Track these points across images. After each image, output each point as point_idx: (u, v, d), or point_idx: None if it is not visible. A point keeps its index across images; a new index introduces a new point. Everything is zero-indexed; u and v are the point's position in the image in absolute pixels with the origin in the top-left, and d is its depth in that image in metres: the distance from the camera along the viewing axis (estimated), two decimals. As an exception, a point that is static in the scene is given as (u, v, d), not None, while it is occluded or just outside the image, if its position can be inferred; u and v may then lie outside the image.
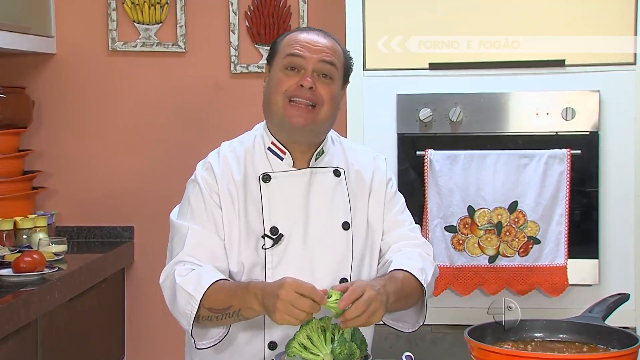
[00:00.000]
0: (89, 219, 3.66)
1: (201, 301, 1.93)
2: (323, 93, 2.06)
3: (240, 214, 2.08)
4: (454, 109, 2.97)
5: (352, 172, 2.18)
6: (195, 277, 1.97)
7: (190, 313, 1.95)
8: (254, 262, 2.07)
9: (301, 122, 2.05)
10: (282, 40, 2.13)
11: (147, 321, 3.68)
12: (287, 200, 2.10)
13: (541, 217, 2.94)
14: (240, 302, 1.90)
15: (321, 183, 2.13)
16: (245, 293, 1.90)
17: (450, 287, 2.97)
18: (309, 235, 2.09)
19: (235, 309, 1.92)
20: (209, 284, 1.95)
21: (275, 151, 2.12)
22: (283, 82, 2.06)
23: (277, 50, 2.12)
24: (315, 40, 2.10)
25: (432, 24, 3.00)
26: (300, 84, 2.04)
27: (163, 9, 3.58)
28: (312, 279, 2.05)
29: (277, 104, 2.06)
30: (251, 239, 2.08)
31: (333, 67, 2.08)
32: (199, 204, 2.09)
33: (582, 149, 2.94)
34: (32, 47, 3.44)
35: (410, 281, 2.03)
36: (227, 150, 2.16)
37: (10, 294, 2.61)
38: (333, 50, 2.11)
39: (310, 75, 2.06)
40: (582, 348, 1.88)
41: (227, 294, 1.93)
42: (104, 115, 3.64)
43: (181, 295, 1.97)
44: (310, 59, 2.06)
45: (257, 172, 2.11)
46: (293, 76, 2.06)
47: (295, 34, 2.12)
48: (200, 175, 2.11)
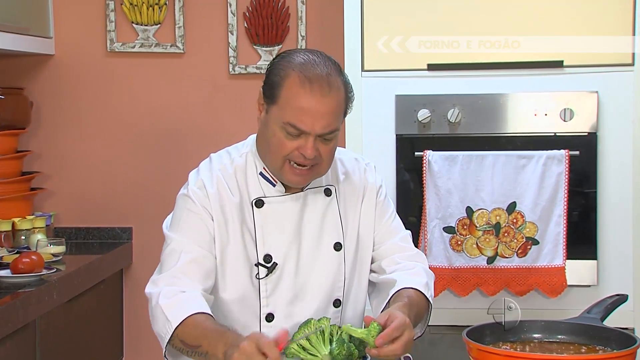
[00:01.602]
0: (88, 220, 3.66)
1: (177, 331, 1.89)
2: (323, 153, 1.98)
3: (237, 239, 2.04)
4: (452, 109, 2.97)
5: (342, 186, 2.14)
6: (178, 304, 1.93)
7: (164, 336, 1.92)
8: (248, 290, 2.04)
9: (300, 182, 2.02)
10: (282, 84, 1.95)
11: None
12: (281, 226, 2.06)
13: (540, 218, 2.94)
14: (209, 346, 1.83)
15: (313, 204, 2.09)
16: (217, 339, 1.82)
17: (449, 288, 2.97)
18: (301, 260, 2.06)
19: (204, 350, 1.85)
20: (188, 314, 1.89)
21: (268, 177, 2.07)
22: (284, 146, 1.96)
23: (277, 98, 1.96)
24: (319, 102, 1.93)
25: (432, 24, 3.00)
26: (302, 153, 1.96)
27: (161, 10, 3.58)
28: (305, 304, 2.06)
29: (277, 163, 2.00)
30: (246, 267, 2.04)
31: (336, 131, 1.99)
32: (193, 219, 2.03)
33: (580, 150, 2.95)
34: (31, 48, 3.44)
35: (420, 300, 2.02)
36: (219, 167, 2.08)
37: (8, 295, 2.60)
38: (337, 114, 1.97)
39: (312, 144, 1.95)
40: (581, 349, 1.88)
41: (201, 333, 1.87)
42: (102, 116, 3.64)
43: (160, 316, 1.93)
44: (313, 131, 1.93)
45: (250, 196, 2.06)
46: (293, 140, 1.96)
47: (297, 92, 1.93)
48: (192, 192, 2.05)
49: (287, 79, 1.95)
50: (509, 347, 1.88)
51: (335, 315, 2.09)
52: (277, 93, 1.96)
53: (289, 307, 2.05)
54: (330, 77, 1.95)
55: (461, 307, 2.99)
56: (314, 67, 1.95)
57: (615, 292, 2.17)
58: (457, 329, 2.81)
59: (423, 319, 2.06)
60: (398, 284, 2.04)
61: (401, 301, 1.96)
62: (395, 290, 2.02)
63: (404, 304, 1.94)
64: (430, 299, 2.06)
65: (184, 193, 2.07)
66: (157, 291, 1.98)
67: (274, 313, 2.05)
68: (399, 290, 2.02)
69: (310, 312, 2.05)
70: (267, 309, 2.05)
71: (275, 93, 1.96)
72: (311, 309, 2.05)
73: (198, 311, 1.91)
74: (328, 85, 1.94)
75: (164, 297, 1.95)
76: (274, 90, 1.97)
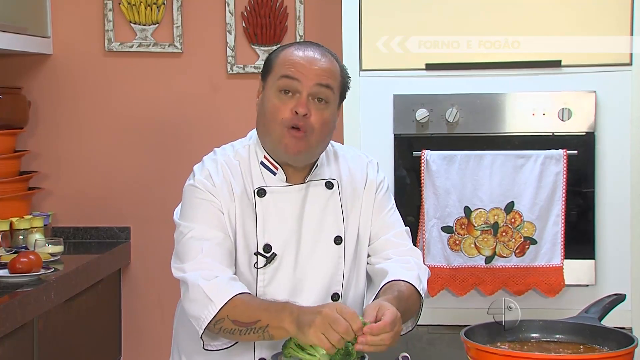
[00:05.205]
0: (86, 219, 3.66)
1: (225, 312, 1.89)
2: (314, 121, 2.00)
3: (238, 229, 2.05)
4: (450, 109, 2.97)
5: (345, 181, 2.15)
6: (219, 285, 1.93)
7: (204, 318, 1.91)
8: (246, 279, 2.05)
9: (297, 147, 2.02)
10: (276, 56, 2.06)
11: (143, 322, 3.68)
12: (282, 217, 2.07)
13: (537, 217, 2.94)
14: (271, 319, 1.85)
15: (314, 197, 2.10)
16: (280, 310, 1.85)
17: (447, 287, 2.97)
18: (300, 252, 2.07)
19: (263, 324, 1.86)
20: (233, 294, 1.91)
21: (268, 166, 2.09)
22: (279, 109, 2.01)
23: (272, 67, 2.06)
24: (311, 59, 2.02)
25: (431, 24, 3.00)
26: (295, 111, 1.99)
27: (159, 9, 3.58)
28: (303, 296, 2.06)
29: (275, 131, 2.02)
30: (245, 255, 2.06)
31: (329, 90, 2.02)
32: (206, 206, 2.05)
33: (578, 150, 2.95)
34: (29, 48, 3.43)
35: (411, 293, 2.02)
36: (224, 159, 2.11)
37: (6, 295, 2.60)
38: (330, 71, 2.04)
39: (305, 100, 2.00)
40: (579, 348, 1.88)
41: (258, 308, 1.88)
42: (100, 115, 3.64)
43: (202, 298, 1.93)
44: (305, 83, 2.00)
45: (252, 185, 2.08)
46: (288, 101, 2.00)
47: (290, 52, 2.05)
48: (199, 182, 2.07)
49: (281, 52, 2.07)
50: (507, 346, 1.88)
51: None
52: (272, 64, 2.07)
53: (286, 299, 2.04)
54: (325, 52, 2.07)
55: (459, 306, 2.99)
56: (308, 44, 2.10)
57: (613, 292, 2.17)
58: (455, 328, 2.81)
59: (414, 313, 2.06)
60: (389, 275, 2.04)
61: (391, 294, 1.97)
62: (385, 282, 2.03)
63: (393, 297, 1.94)
64: (421, 292, 2.05)
65: (191, 184, 2.09)
66: (195, 275, 1.96)
67: None
68: (390, 282, 2.02)
69: (308, 305, 2.04)
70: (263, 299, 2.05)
71: (270, 65, 2.08)
72: (309, 302, 2.04)
73: (242, 291, 1.94)
74: (321, 53, 2.06)
75: (203, 279, 1.95)
76: (270, 63, 2.08)
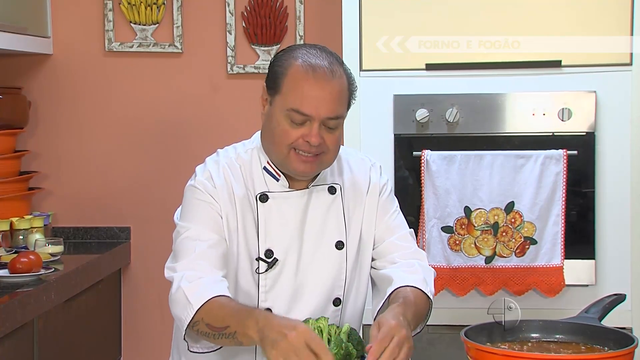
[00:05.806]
0: (86, 219, 3.66)
1: (201, 314, 1.89)
2: (329, 142, 1.99)
3: (239, 233, 2.05)
4: (450, 109, 2.97)
5: (347, 185, 2.14)
6: (199, 287, 1.93)
7: (184, 319, 1.92)
8: (247, 284, 2.05)
9: (306, 170, 2.01)
10: (284, 73, 1.99)
11: (143, 322, 3.68)
12: (284, 222, 2.06)
13: (538, 217, 2.94)
14: (238, 325, 1.84)
15: (316, 202, 2.09)
16: (246, 317, 1.83)
17: (447, 287, 2.97)
18: (302, 257, 2.07)
19: (232, 330, 1.85)
20: (210, 297, 1.90)
21: (271, 172, 2.08)
22: (289, 134, 1.98)
23: (279, 86, 1.99)
24: (322, 87, 1.95)
25: (431, 24, 3.00)
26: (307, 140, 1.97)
27: (160, 9, 3.58)
28: (304, 301, 2.06)
29: (282, 152, 2.01)
30: (247, 260, 2.05)
31: (340, 119, 2.01)
32: (204, 208, 2.04)
33: (578, 150, 2.95)
34: (29, 48, 3.43)
35: (420, 297, 2.01)
36: (226, 161, 2.10)
37: (6, 295, 2.60)
38: (340, 96, 1.99)
39: (317, 131, 1.97)
40: (579, 348, 1.88)
41: (228, 314, 1.87)
42: (100, 116, 3.64)
43: (182, 299, 1.93)
44: (317, 116, 1.96)
45: (254, 190, 2.07)
46: (298, 128, 1.97)
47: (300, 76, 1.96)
48: (200, 183, 2.06)
49: (290, 68, 1.98)
50: (507, 346, 1.88)
51: (335, 314, 2.09)
52: (281, 82, 1.99)
53: (288, 304, 2.05)
54: (333, 65, 1.99)
55: (459, 306, 3.00)
56: (316, 56, 1.99)
57: (613, 292, 2.17)
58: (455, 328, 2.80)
59: (423, 317, 2.05)
60: (395, 282, 2.03)
61: (396, 302, 1.95)
62: (392, 289, 2.02)
63: (399, 305, 1.92)
64: (429, 295, 2.04)
65: (192, 184, 2.09)
66: (179, 275, 1.97)
67: (273, 309, 2.05)
68: (396, 289, 2.01)
69: (309, 310, 2.05)
70: (265, 304, 2.05)
71: (278, 83, 1.99)
72: (310, 307, 2.04)
73: (220, 294, 1.92)
74: (331, 72, 1.97)
75: (186, 281, 1.95)
76: (277, 80, 2.00)
